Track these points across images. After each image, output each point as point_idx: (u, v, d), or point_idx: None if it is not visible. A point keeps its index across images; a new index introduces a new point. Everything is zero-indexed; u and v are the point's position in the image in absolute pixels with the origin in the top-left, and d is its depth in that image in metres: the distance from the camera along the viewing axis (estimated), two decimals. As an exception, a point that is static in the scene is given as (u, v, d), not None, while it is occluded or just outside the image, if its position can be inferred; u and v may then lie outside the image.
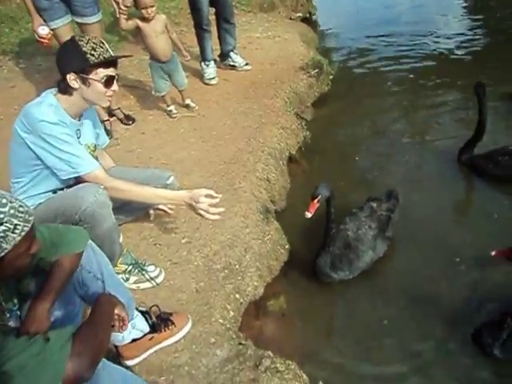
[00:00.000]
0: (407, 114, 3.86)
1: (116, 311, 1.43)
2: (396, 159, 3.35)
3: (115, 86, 1.93)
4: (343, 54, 5.04)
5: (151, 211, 2.49)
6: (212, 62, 3.96)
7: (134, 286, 2.14)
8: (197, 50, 4.04)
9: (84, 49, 1.80)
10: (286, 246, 2.59)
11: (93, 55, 1.81)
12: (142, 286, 2.14)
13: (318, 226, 2.56)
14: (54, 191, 1.92)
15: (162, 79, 3.32)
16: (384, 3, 6.18)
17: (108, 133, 3.30)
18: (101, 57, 1.82)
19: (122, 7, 2.97)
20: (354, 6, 6.38)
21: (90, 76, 1.84)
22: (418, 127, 3.71)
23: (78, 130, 1.99)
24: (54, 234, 1.45)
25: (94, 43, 1.82)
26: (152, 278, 2.14)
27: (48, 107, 1.83)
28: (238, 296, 2.18)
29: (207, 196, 1.95)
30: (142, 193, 1.98)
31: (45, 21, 2.83)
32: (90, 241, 1.59)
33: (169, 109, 3.52)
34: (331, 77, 4.24)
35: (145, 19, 3.08)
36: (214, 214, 1.95)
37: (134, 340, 1.77)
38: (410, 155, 3.37)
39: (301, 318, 2.30)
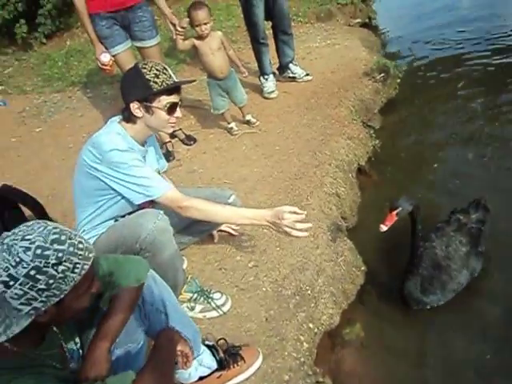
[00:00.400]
0: (482, 116, 3.49)
1: (179, 347, 1.29)
2: (478, 165, 3.00)
3: (178, 113, 1.87)
4: (407, 57, 4.73)
5: (215, 232, 2.38)
6: (271, 76, 3.85)
7: (200, 315, 2.01)
8: (255, 65, 3.96)
9: (147, 76, 1.76)
10: (362, 268, 2.35)
11: (156, 83, 1.76)
12: (209, 315, 2.01)
13: (395, 243, 2.32)
14: (116, 219, 1.86)
15: (220, 96, 3.25)
16: (445, 6, 5.75)
17: (170, 154, 3.28)
18: (164, 84, 1.77)
19: (179, 28, 2.96)
20: (415, 9, 6.00)
21: (154, 104, 1.79)
22: (495, 129, 3.32)
23: (144, 156, 1.94)
24: (113, 265, 1.36)
25: (157, 70, 1.77)
26: (218, 307, 2.00)
27: (116, 136, 1.80)
28: (311, 325, 1.98)
29: (291, 213, 1.80)
30: (221, 212, 1.87)
31: (106, 48, 2.87)
32: (151, 271, 1.48)
33: (229, 126, 3.43)
34: (398, 80, 3.95)
35: (200, 37, 3.03)
36: (301, 230, 1.79)
37: (200, 378, 1.63)
38: (493, 160, 3.00)
39: (382, 349, 2.05)
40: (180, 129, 3.48)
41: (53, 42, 5.34)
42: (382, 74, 3.84)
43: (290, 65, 3.96)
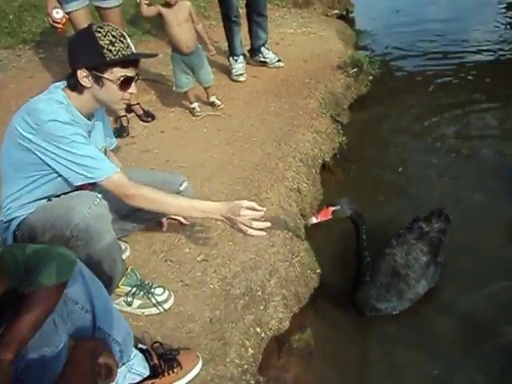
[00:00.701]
0: (455, 120, 3.45)
1: (101, 360, 1.11)
2: (442, 172, 2.95)
3: (133, 89, 1.64)
4: (382, 53, 4.64)
5: (164, 220, 2.19)
6: (241, 57, 3.64)
7: (138, 312, 1.83)
8: (225, 45, 3.74)
9: (101, 42, 1.52)
10: (317, 270, 2.22)
11: (110, 51, 1.53)
12: (147, 311, 1.83)
13: (353, 246, 2.20)
14: (49, 199, 1.62)
15: (184, 73, 3.02)
16: (423, 2, 5.73)
17: (124, 130, 3.03)
18: (119, 54, 1.54)
19: None
20: (394, 3, 5.93)
21: (105, 75, 1.56)
22: (467, 135, 3.29)
23: (89, 131, 1.71)
24: (32, 258, 1.14)
25: (113, 36, 1.54)
26: (159, 303, 1.82)
27: (58, 104, 1.55)
28: (258, 330, 1.84)
29: (249, 208, 1.63)
30: (173, 203, 1.68)
31: (60, 4, 2.56)
32: (79, 264, 1.28)
33: (192, 106, 3.21)
34: (371, 77, 3.85)
35: (167, 4, 2.78)
36: (257, 229, 1.63)
37: (130, 386, 1.45)
38: (458, 168, 2.97)
39: (330, 359, 1.94)
40: (138, 103, 3.23)
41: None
42: (355, 69, 3.72)
43: (262, 48, 3.76)
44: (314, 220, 1.84)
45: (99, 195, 1.52)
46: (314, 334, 2.02)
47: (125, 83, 1.60)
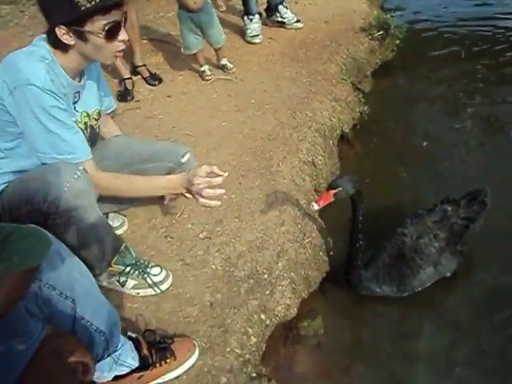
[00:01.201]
0: (489, 92, 3.14)
1: (74, 358, 0.95)
2: (474, 149, 2.67)
3: (123, 35, 1.41)
4: (411, 17, 4.27)
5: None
6: (257, 17, 3.36)
7: (132, 292, 1.68)
8: (240, 3, 3.45)
9: None
10: (330, 253, 2.04)
11: None
12: (143, 292, 1.67)
13: (374, 226, 2.01)
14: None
15: (192, 33, 2.77)
16: None
17: (128, 93, 2.83)
18: None
19: None
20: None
21: (86, 28, 1.34)
22: (503, 110, 2.99)
23: (78, 92, 1.51)
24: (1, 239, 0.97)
25: None
26: (155, 284, 1.67)
27: (40, 63, 1.35)
28: (263, 316, 1.68)
29: (209, 175, 1.44)
30: (130, 186, 1.54)
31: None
32: (59, 244, 1.12)
33: (201, 69, 2.98)
34: (397, 42, 3.53)
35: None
36: (210, 197, 1.43)
37: (116, 377, 1.30)
38: (491, 146, 2.69)
39: (340, 349, 1.78)
40: (144, 65, 3.01)
41: None
42: (381, 32, 3.41)
43: (280, 7, 3.46)
44: (316, 206, 1.68)
45: (81, 167, 1.34)
46: (324, 321, 1.86)
47: (111, 32, 1.37)
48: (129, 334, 1.37)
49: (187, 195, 2.00)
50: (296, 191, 2.12)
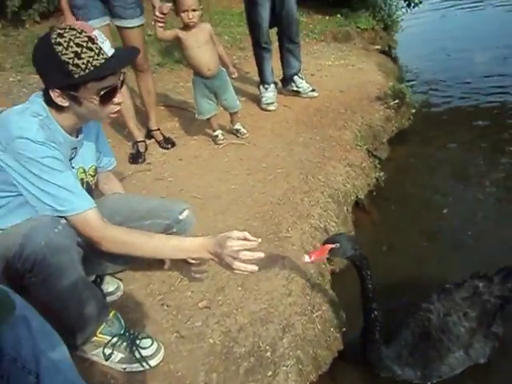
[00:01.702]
0: (505, 160, 3.02)
1: None
2: (499, 218, 2.50)
3: (118, 98, 1.38)
4: (426, 89, 4.32)
5: (167, 257, 1.89)
6: (272, 86, 3.42)
7: (118, 367, 1.50)
8: (257, 75, 3.52)
9: (64, 57, 1.26)
10: (343, 329, 1.83)
11: (77, 66, 1.27)
12: (130, 367, 1.50)
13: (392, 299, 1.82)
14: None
15: (206, 98, 2.80)
16: (470, 49, 5.30)
17: (139, 156, 2.82)
18: (89, 66, 1.28)
19: (158, 14, 2.50)
20: (438, 46, 5.57)
21: (79, 94, 1.32)
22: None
23: (75, 148, 1.47)
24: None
25: (77, 45, 1.26)
26: (144, 359, 1.49)
27: (32, 118, 1.32)
28: (264, 403, 1.46)
29: (240, 239, 1.33)
30: (147, 244, 1.41)
31: (77, 19, 2.42)
32: (22, 311, 0.99)
33: (214, 134, 2.97)
34: (413, 111, 3.51)
35: (186, 27, 2.59)
36: (248, 261, 1.31)
37: None
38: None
39: None
40: (158, 129, 3.04)
41: (48, 22, 4.95)
42: (397, 101, 3.40)
43: (296, 77, 3.53)
44: (307, 259, 1.54)
45: (63, 221, 1.24)
46: (336, 410, 1.62)
47: (106, 97, 1.35)
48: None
49: (189, 260, 1.90)
50: (305, 259, 1.96)
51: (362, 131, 3.11)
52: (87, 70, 1.27)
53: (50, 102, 1.35)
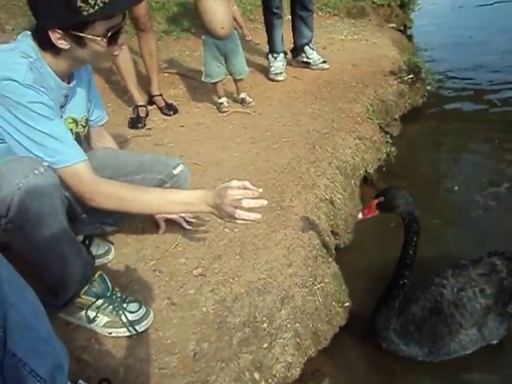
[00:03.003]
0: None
1: None
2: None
3: (122, 39, 1.27)
4: (442, 72, 4.11)
5: (161, 220, 1.79)
6: (281, 55, 3.26)
7: (103, 331, 1.40)
8: (267, 46, 3.36)
9: None
10: (346, 303, 1.72)
11: (86, 2, 1.14)
12: (115, 332, 1.40)
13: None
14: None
15: (216, 61, 2.65)
16: (496, 31, 5.07)
17: (139, 121, 2.70)
18: (99, 2, 1.15)
19: None
20: (458, 23, 5.35)
21: (86, 34, 1.19)
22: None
23: (67, 96, 1.35)
24: None
25: None
26: (131, 323, 1.39)
27: (22, 59, 1.20)
28: (257, 375, 1.37)
29: (240, 189, 1.25)
30: (142, 198, 1.31)
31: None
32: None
33: (219, 101, 2.84)
34: (428, 87, 3.34)
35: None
36: (253, 207, 1.22)
37: None
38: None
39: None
40: (160, 94, 2.91)
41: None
42: (411, 76, 3.23)
43: (306, 47, 3.36)
44: (360, 216, 1.50)
45: (45, 163, 1.13)
46: (335, 388, 1.52)
47: (114, 37, 1.23)
48: (80, 382, 1.09)
49: (185, 225, 1.79)
50: (309, 229, 1.85)
51: (374, 105, 2.96)
52: (96, 7, 1.15)
53: (44, 44, 1.23)
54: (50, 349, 0.97)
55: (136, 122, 2.68)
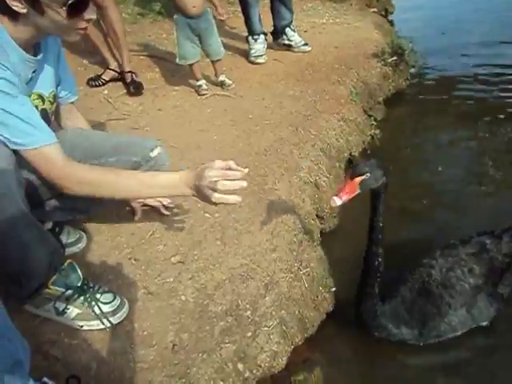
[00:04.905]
0: (505, 124, 2.84)
1: None
2: (496, 182, 2.34)
3: (91, 14, 1.14)
4: (423, 56, 4.05)
5: (137, 206, 1.69)
6: (262, 37, 3.15)
7: (74, 324, 1.30)
8: (245, 30, 3.24)
9: None
10: (332, 288, 1.65)
11: None
12: (87, 325, 1.30)
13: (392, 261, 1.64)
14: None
15: (189, 41, 2.54)
16: (475, 14, 5.03)
17: (98, 79, 2.71)
18: None
19: None
20: (439, 11, 5.30)
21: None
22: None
23: (35, 71, 1.22)
24: None
25: None
26: (105, 316, 1.29)
27: None
28: (240, 366, 1.29)
29: (223, 169, 1.14)
30: (119, 182, 1.22)
31: None
32: None
33: (198, 83, 2.72)
34: (412, 70, 3.28)
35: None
36: (228, 191, 1.12)
37: None
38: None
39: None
40: (130, 71, 2.77)
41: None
42: (395, 58, 3.17)
43: (287, 29, 3.26)
44: (338, 201, 1.29)
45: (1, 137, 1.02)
46: (324, 374, 1.45)
47: (75, 8, 1.10)
48: (44, 380, 0.99)
49: (164, 211, 1.69)
50: (293, 213, 1.77)
51: (357, 88, 2.88)
52: None
53: (2, 9, 1.10)
54: (6, 343, 0.87)
55: (94, 80, 2.64)
